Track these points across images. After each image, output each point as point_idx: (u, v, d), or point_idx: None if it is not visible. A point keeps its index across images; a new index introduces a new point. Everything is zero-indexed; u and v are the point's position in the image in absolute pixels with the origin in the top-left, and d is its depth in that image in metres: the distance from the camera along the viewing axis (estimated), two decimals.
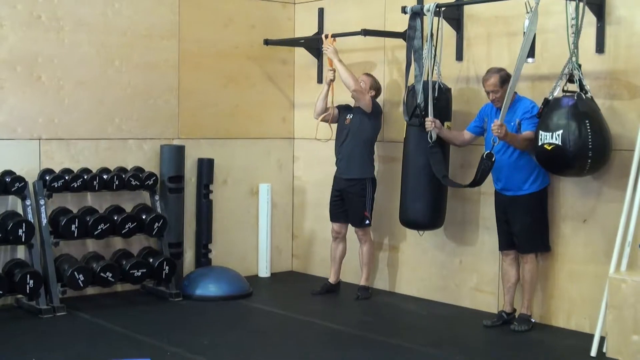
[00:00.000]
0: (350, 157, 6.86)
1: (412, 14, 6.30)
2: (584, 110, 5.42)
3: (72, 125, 6.84)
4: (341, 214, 7.00)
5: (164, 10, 7.29)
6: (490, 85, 5.91)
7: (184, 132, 7.45)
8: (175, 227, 7.16)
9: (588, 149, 5.37)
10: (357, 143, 6.84)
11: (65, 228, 6.48)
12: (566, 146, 5.38)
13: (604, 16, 5.70)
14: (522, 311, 6.02)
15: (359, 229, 6.93)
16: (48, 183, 6.52)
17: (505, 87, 5.83)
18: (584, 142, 5.36)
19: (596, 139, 5.39)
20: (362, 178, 6.86)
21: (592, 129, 5.38)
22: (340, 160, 6.93)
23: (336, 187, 7.00)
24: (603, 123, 5.50)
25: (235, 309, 6.62)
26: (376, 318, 6.43)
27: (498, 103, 5.90)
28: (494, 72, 5.93)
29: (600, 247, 5.79)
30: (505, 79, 5.87)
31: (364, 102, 6.73)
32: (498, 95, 5.89)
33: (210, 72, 7.58)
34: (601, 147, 5.44)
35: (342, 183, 6.93)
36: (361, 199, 6.85)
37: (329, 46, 6.81)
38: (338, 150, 6.97)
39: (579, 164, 5.44)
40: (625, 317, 5.12)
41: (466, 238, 6.67)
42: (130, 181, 6.85)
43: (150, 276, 6.79)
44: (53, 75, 6.74)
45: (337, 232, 7.07)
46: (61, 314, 6.27)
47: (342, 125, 6.96)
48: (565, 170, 5.63)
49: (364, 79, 6.90)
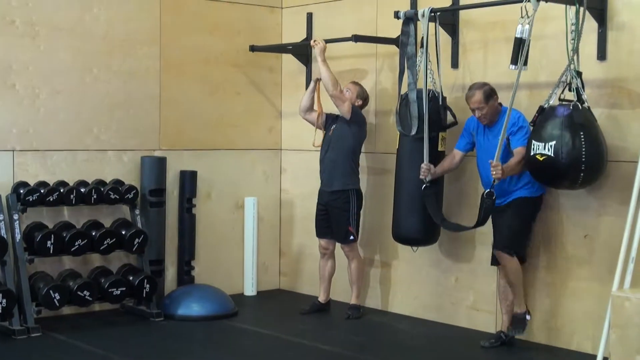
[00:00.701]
0: (333, 168, 6.80)
1: (406, 19, 6.23)
2: (579, 122, 5.36)
3: (48, 135, 6.78)
4: (328, 229, 6.92)
5: (145, 16, 7.24)
6: (474, 102, 5.82)
7: (166, 143, 7.38)
8: (156, 243, 7.10)
9: (581, 162, 5.31)
10: (339, 153, 6.78)
11: (40, 244, 6.39)
12: (559, 157, 5.34)
13: (605, 22, 5.63)
14: (516, 311, 5.89)
15: (345, 245, 6.85)
16: (22, 197, 6.44)
17: (490, 103, 5.78)
18: (578, 154, 5.30)
19: (590, 151, 5.32)
20: (345, 190, 6.77)
21: (586, 141, 5.31)
22: (323, 172, 6.88)
23: (321, 201, 6.93)
24: (599, 135, 5.43)
25: (220, 330, 6.54)
26: (368, 339, 6.35)
27: (485, 120, 5.84)
28: (477, 88, 5.84)
29: (603, 263, 5.72)
30: (489, 93, 5.80)
31: (343, 108, 6.66)
32: (484, 111, 5.81)
33: (193, 80, 7.53)
34: (595, 159, 5.37)
35: (325, 196, 6.86)
36: (344, 213, 6.76)
37: (320, 42, 6.74)
38: (321, 162, 6.91)
39: (572, 177, 5.39)
40: (629, 336, 4.99)
41: (462, 254, 6.60)
42: (109, 195, 6.79)
43: (130, 295, 6.73)
44: (28, 84, 6.69)
45: (324, 248, 6.99)
46: (36, 335, 6.18)
47: (327, 136, 6.92)
48: (557, 182, 5.58)
49: (351, 87, 6.86)
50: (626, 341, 4.98)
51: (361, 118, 6.82)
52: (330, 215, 6.84)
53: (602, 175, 5.51)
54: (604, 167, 5.47)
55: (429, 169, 6.09)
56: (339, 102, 6.65)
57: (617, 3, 5.58)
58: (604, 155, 5.44)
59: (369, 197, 7.09)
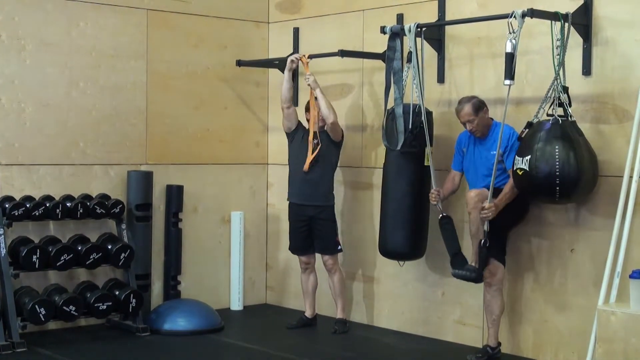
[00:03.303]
0: (320, 183, 6.80)
1: (392, 34, 6.22)
2: (555, 135, 5.36)
3: (34, 150, 6.75)
4: (309, 245, 6.89)
5: (131, 30, 7.22)
6: (464, 115, 5.84)
7: (152, 157, 7.35)
8: (142, 257, 7.06)
9: (555, 175, 5.28)
10: (326, 170, 6.82)
11: (25, 259, 6.37)
12: (532, 172, 5.36)
13: (590, 37, 5.66)
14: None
15: (331, 257, 6.82)
16: (8, 211, 6.41)
17: (480, 115, 5.80)
18: (551, 168, 5.29)
19: (565, 165, 5.29)
20: (330, 205, 6.84)
21: (561, 155, 5.29)
22: (304, 186, 6.80)
23: (300, 217, 6.86)
24: (578, 149, 5.37)
25: (206, 344, 6.51)
26: (355, 353, 6.31)
27: (478, 133, 5.86)
28: (466, 101, 5.87)
29: (589, 277, 5.72)
30: (478, 106, 5.82)
31: (337, 132, 6.78)
32: (474, 124, 5.82)
33: (179, 94, 7.51)
34: (572, 173, 5.32)
35: (309, 210, 6.81)
36: (332, 225, 6.81)
37: (310, 75, 6.73)
38: (302, 176, 6.80)
39: (546, 190, 5.36)
40: (615, 351, 5.07)
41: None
42: (95, 209, 6.76)
43: (116, 309, 6.69)
44: (14, 97, 6.66)
45: (306, 263, 6.97)
46: (21, 350, 6.14)
47: (302, 147, 6.83)
48: (535, 196, 5.62)
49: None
50: (612, 355, 5.05)
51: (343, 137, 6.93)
52: (315, 229, 6.81)
53: (586, 189, 5.47)
54: (585, 181, 5.38)
55: (439, 193, 6.06)
56: (336, 127, 6.71)
57: (602, 19, 5.61)
58: (585, 169, 5.35)
59: (355, 211, 7.08)
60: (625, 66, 5.52)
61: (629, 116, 5.50)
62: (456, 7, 6.43)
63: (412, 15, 6.58)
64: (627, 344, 5.02)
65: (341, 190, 7.28)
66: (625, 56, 5.52)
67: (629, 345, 5.01)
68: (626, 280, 5.27)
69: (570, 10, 5.52)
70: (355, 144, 7.19)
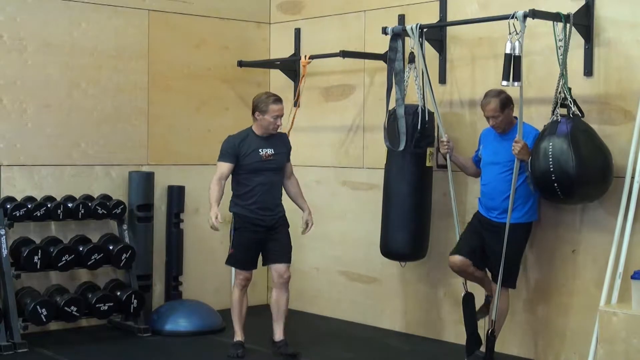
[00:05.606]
0: (278, 192, 6.24)
1: (393, 35, 6.18)
2: (551, 134, 5.36)
3: (36, 150, 6.75)
4: (256, 260, 6.30)
5: (133, 31, 7.22)
6: (490, 110, 5.62)
7: (154, 157, 7.35)
8: (144, 258, 7.06)
9: (550, 173, 5.29)
10: (279, 178, 6.26)
11: (27, 259, 6.36)
12: (531, 170, 5.44)
13: (592, 38, 5.65)
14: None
15: (287, 269, 6.16)
16: (9, 212, 6.41)
17: (506, 112, 5.61)
18: (545, 167, 5.33)
19: (559, 163, 5.27)
20: (284, 213, 6.26)
21: (554, 153, 5.29)
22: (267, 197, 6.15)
23: (258, 227, 6.15)
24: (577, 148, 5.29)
25: (208, 345, 6.51)
26: (357, 354, 6.31)
27: (499, 129, 5.69)
28: (493, 96, 5.62)
29: (590, 278, 5.70)
30: (505, 102, 5.60)
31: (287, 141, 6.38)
32: (498, 120, 5.64)
33: (181, 95, 7.51)
34: (565, 171, 5.27)
35: (268, 220, 6.15)
36: (288, 232, 6.24)
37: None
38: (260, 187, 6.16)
39: (546, 189, 5.41)
40: (616, 352, 5.06)
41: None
42: (96, 210, 6.76)
43: (118, 310, 6.70)
44: (15, 98, 6.66)
45: (248, 280, 6.23)
46: (22, 350, 6.15)
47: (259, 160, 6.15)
48: (543, 195, 5.61)
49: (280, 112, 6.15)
50: (613, 356, 5.05)
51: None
52: (273, 239, 6.17)
53: (592, 187, 5.39)
54: (587, 178, 5.31)
55: (450, 143, 5.91)
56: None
57: (603, 20, 5.60)
58: (586, 166, 5.28)
59: (358, 212, 7.07)
60: (627, 67, 5.51)
61: (630, 117, 5.49)
62: (457, 8, 6.42)
63: (414, 16, 6.57)
64: (628, 344, 5.01)
65: (343, 190, 7.28)
66: (627, 57, 5.51)
67: (631, 346, 5.00)
68: (628, 281, 5.27)
69: (571, 11, 5.51)
70: (356, 144, 7.18)
